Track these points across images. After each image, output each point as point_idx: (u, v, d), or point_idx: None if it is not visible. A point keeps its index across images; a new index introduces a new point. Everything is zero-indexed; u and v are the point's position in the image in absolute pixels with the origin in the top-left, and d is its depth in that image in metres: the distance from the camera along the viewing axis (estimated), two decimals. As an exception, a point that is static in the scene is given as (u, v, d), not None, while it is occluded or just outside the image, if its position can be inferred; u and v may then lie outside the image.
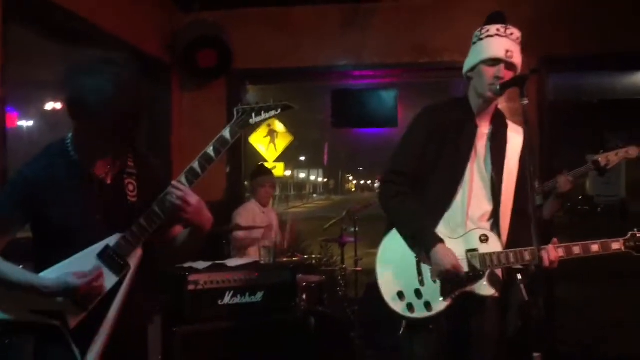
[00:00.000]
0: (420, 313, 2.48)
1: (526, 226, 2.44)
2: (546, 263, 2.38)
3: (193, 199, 2.00)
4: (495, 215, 2.57)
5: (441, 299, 2.47)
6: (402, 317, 2.50)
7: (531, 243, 2.34)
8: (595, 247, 2.44)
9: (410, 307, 2.49)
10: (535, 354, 2.09)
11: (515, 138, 2.64)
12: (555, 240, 2.44)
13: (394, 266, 2.55)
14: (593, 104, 6.92)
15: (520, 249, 2.45)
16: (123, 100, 1.89)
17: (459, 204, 2.55)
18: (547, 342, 2.38)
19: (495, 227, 2.56)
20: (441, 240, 2.46)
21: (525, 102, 2.26)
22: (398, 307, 2.50)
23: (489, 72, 2.47)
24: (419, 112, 2.68)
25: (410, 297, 2.50)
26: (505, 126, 2.66)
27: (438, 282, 2.48)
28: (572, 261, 2.47)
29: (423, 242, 2.48)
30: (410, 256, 2.53)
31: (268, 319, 3.61)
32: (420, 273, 2.51)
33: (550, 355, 2.22)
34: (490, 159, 2.58)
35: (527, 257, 2.44)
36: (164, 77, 5.29)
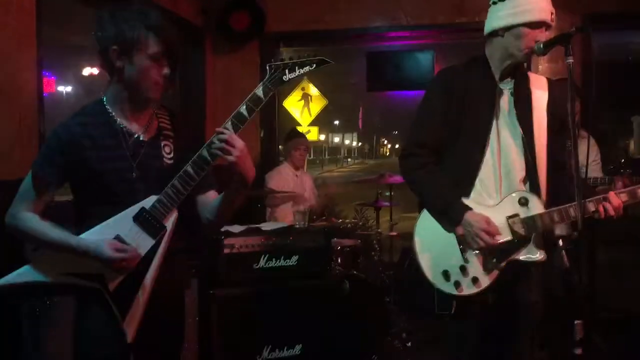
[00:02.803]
0: (468, 290, 2.37)
1: (564, 180, 2.35)
2: (611, 212, 2.27)
3: (238, 142, 1.94)
4: (531, 173, 2.43)
5: (489, 272, 2.37)
6: (452, 296, 2.40)
7: (573, 197, 2.21)
8: None
9: (457, 285, 2.38)
10: (577, 322, 2.03)
11: (539, 90, 2.48)
12: (619, 184, 2.34)
13: (434, 245, 2.43)
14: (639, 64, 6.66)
15: (564, 206, 2.32)
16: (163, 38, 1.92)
17: (489, 167, 2.43)
18: (588, 310, 2.31)
19: (533, 185, 2.43)
20: (469, 209, 2.35)
21: (571, 60, 2.14)
22: (445, 287, 2.39)
23: (531, 35, 2.31)
24: (435, 77, 2.56)
25: (456, 275, 2.38)
26: (527, 79, 2.49)
27: (482, 255, 2.38)
28: (612, 225, 2.36)
29: (451, 215, 2.37)
30: (450, 233, 2.42)
31: (303, 282, 3.62)
32: (463, 248, 2.40)
33: (591, 322, 2.16)
34: (516, 115, 2.44)
35: (572, 213, 2.31)
36: (197, 40, 5.28)
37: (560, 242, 2.29)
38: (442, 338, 4.40)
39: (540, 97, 2.48)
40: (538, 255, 2.39)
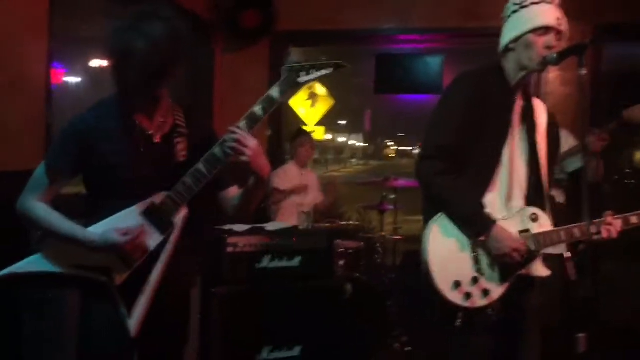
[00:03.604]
0: (480, 302, 2.33)
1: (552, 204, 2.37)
2: (605, 235, 2.31)
3: (251, 141, 1.95)
4: (537, 190, 2.44)
5: (500, 284, 2.35)
6: (460, 309, 2.34)
7: (567, 221, 2.26)
8: None
9: (468, 296, 2.32)
10: (580, 335, 2.02)
11: (541, 113, 2.51)
12: (610, 212, 2.35)
13: (448, 254, 2.36)
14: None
15: (570, 226, 2.34)
16: (150, 56, 1.88)
17: (501, 181, 2.42)
18: (592, 323, 2.32)
19: (539, 202, 2.43)
20: (495, 222, 2.33)
21: (584, 72, 2.12)
22: (456, 298, 2.31)
23: (540, 41, 2.30)
24: (455, 79, 2.50)
25: (468, 286, 2.32)
26: (531, 99, 2.51)
27: (496, 267, 2.35)
28: (618, 238, 2.38)
29: (479, 224, 2.32)
30: (464, 242, 2.37)
31: (305, 284, 3.61)
32: (477, 259, 2.36)
33: (594, 336, 2.15)
34: (526, 133, 2.46)
35: (577, 234, 2.34)
36: (207, 36, 5.27)
37: (568, 254, 2.29)
38: (441, 344, 4.41)
39: (542, 120, 2.51)
40: (546, 272, 2.41)
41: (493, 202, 2.41)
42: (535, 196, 2.45)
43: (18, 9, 3.07)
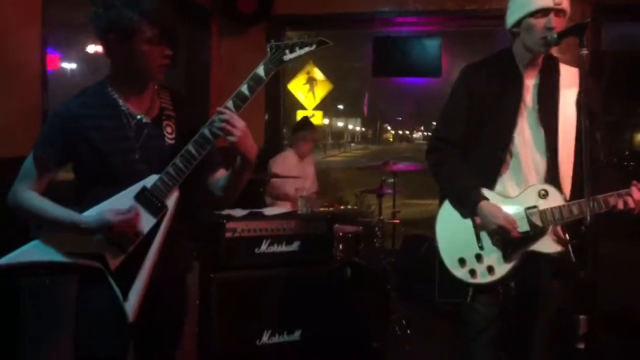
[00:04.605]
0: (483, 278, 2.42)
1: (595, 174, 2.27)
2: (631, 205, 2.27)
3: (239, 122, 1.96)
4: (552, 169, 2.43)
5: (504, 262, 2.40)
6: (466, 284, 2.45)
7: (603, 190, 2.26)
8: None
9: (472, 272, 2.43)
10: (581, 317, 2.02)
11: (568, 84, 2.46)
12: (636, 183, 2.30)
13: (452, 233, 2.50)
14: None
15: (582, 199, 2.27)
16: (144, 25, 1.90)
17: (514, 162, 2.45)
18: (592, 304, 2.33)
19: (554, 181, 2.42)
20: (485, 198, 2.39)
21: (585, 52, 2.10)
22: (460, 273, 2.45)
23: (539, 24, 2.31)
24: (459, 74, 2.58)
25: (472, 262, 2.44)
26: (557, 72, 2.48)
27: (499, 245, 2.41)
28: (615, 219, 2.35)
29: (467, 205, 2.43)
30: (467, 221, 2.47)
31: (304, 268, 3.62)
32: (478, 237, 2.45)
33: (595, 317, 2.14)
34: (540, 111, 2.44)
35: (595, 207, 2.28)
36: (204, 21, 5.23)
37: (567, 236, 2.27)
38: (442, 326, 4.43)
39: (569, 91, 2.46)
40: (556, 248, 2.39)
41: (507, 182, 2.46)
42: (552, 174, 2.44)
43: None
